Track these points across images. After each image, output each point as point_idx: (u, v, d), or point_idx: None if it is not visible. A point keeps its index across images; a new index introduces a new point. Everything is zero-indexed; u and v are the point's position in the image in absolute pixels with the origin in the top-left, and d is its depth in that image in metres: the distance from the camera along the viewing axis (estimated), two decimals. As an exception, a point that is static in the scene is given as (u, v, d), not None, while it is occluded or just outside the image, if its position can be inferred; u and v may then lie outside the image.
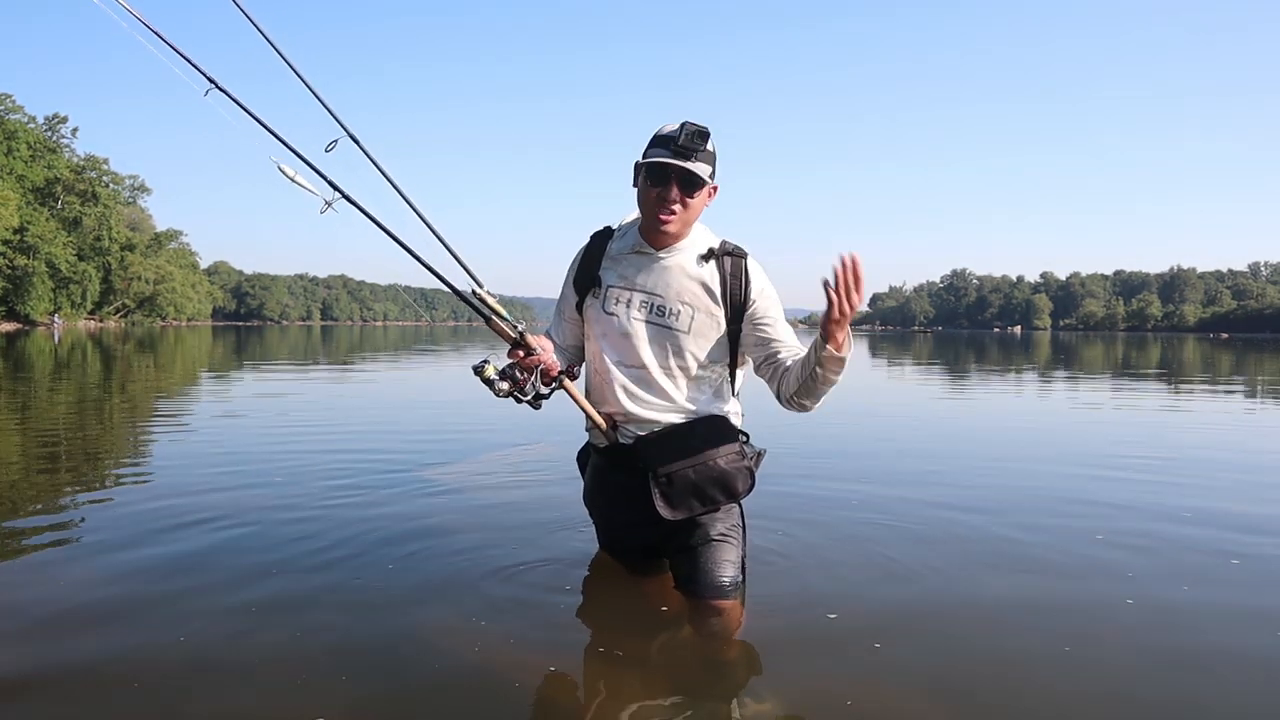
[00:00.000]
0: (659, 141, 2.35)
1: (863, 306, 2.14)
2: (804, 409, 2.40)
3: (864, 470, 4.98)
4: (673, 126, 2.33)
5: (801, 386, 2.32)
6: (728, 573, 2.47)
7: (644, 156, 2.39)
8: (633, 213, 2.54)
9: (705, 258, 2.46)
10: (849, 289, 2.09)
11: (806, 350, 2.31)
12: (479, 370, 2.31)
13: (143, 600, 2.53)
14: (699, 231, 2.50)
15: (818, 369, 2.24)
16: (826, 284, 2.09)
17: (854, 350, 2.26)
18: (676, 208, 2.35)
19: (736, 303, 2.46)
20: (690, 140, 2.29)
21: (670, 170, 2.32)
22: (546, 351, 2.36)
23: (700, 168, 2.32)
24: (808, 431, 6.14)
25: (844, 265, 2.06)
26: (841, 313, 2.12)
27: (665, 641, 2.35)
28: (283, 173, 2.26)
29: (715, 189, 2.44)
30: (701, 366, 2.48)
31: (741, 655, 2.26)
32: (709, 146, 2.34)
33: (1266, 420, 9.15)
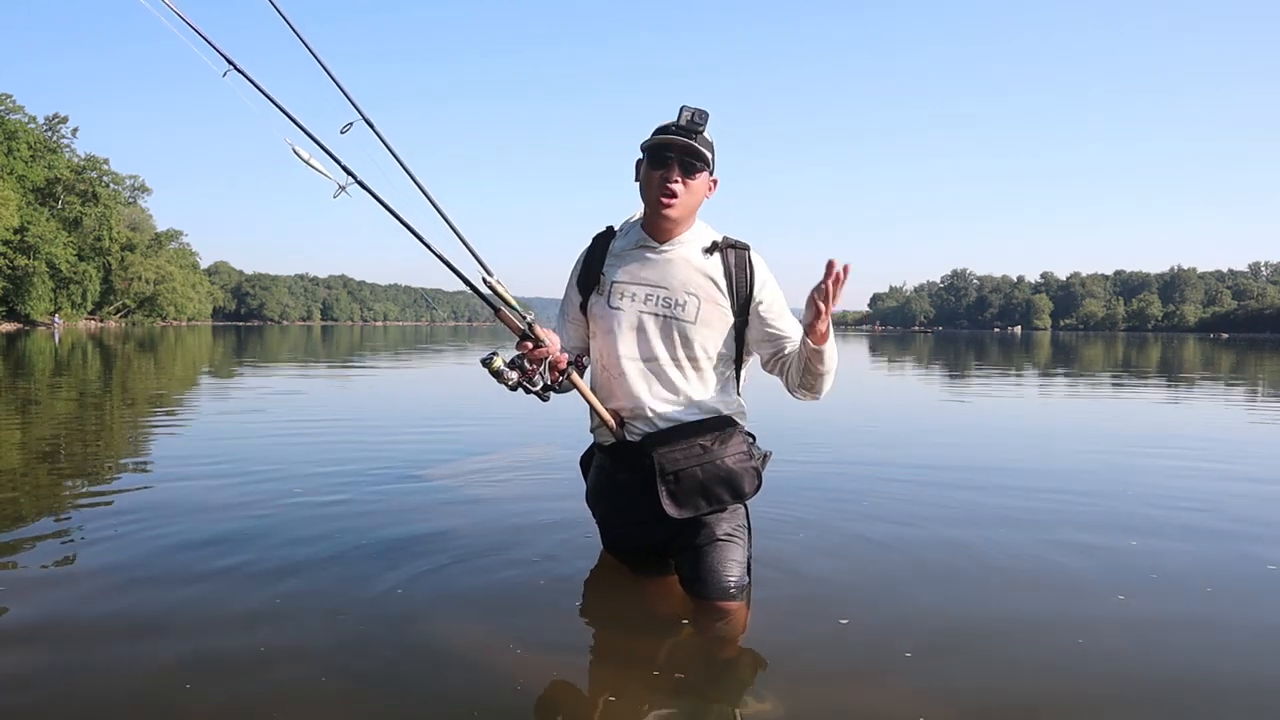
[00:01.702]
0: (659, 131, 2.38)
1: (863, 306, 2.17)
2: (812, 397, 2.47)
3: (876, 473, 4.95)
4: (672, 119, 2.37)
5: (801, 379, 2.42)
6: (733, 573, 2.45)
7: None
8: (634, 213, 2.54)
9: (709, 251, 2.46)
10: (833, 294, 2.17)
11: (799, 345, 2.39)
12: (487, 362, 2.30)
13: (141, 602, 2.51)
14: (701, 228, 2.51)
15: (808, 362, 2.35)
16: (831, 263, 2.14)
17: (839, 347, 2.39)
18: (678, 188, 2.35)
19: (742, 295, 2.46)
20: (691, 120, 2.32)
21: (671, 149, 2.34)
22: (554, 344, 2.35)
23: (701, 145, 2.34)
24: (817, 431, 6.12)
25: (839, 274, 2.14)
26: (825, 312, 2.20)
27: (669, 643, 2.32)
28: (297, 155, 2.25)
29: (715, 181, 2.47)
30: (709, 358, 2.47)
31: (746, 657, 2.24)
32: (709, 132, 2.36)
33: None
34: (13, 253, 55.64)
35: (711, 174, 2.44)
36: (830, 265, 2.13)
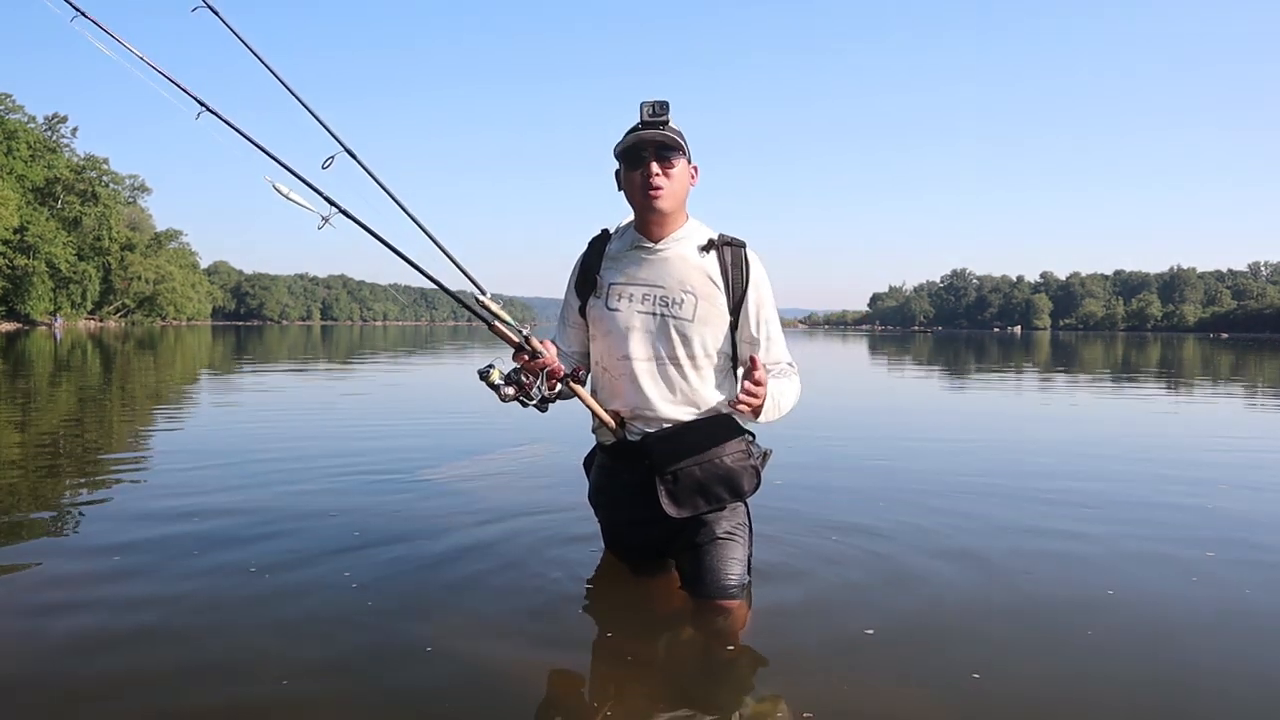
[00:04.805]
0: (626, 135, 2.41)
1: (863, 306, 2.19)
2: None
3: (891, 479, 4.95)
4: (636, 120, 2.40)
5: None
6: (734, 571, 2.45)
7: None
8: (627, 216, 2.55)
9: (705, 249, 2.46)
10: (754, 393, 2.24)
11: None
12: (484, 375, 2.28)
13: (139, 602, 2.51)
14: (695, 225, 2.51)
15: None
16: (754, 359, 2.32)
17: (780, 412, 2.42)
18: (661, 180, 2.36)
19: (738, 291, 2.46)
20: (652, 112, 2.34)
21: (643, 145, 2.35)
22: (551, 354, 2.34)
23: (670, 132, 2.35)
24: (831, 432, 6.11)
25: (755, 380, 2.23)
26: (752, 400, 2.25)
27: (670, 642, 2.33)
28: (278, 191, 2.19)
29: (696, 169, 2.47)
30: (708, 356, 2.46)
31: (747, 656, 2.23)
32: (672, 119, 2.37)
33: None
34: (12, 252, 55.60)
35: (690, 161, 2.44)
36: (754, 360, 2.29)
